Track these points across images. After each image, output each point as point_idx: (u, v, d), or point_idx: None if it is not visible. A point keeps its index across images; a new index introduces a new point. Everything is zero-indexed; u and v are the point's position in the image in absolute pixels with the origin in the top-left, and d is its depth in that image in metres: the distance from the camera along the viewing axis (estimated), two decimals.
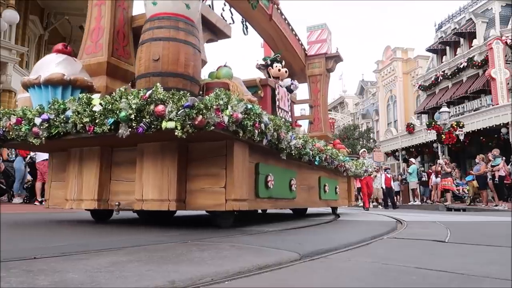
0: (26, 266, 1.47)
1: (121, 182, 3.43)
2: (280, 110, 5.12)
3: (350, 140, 27.47)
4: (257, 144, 3.27)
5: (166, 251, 1.97)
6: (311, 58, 8.03)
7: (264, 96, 4.83)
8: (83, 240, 2.42)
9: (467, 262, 1.90)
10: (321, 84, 7.95)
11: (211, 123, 2.63)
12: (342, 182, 6.87)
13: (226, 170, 3.06)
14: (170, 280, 1.30)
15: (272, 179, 3.75)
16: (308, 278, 1.52)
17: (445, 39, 24.10)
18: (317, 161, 4.63)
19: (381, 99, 30.71)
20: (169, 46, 3.15)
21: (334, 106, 38.41)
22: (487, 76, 19.14)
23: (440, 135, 16.86)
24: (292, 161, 4.28)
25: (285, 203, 4.35)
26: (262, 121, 3.11)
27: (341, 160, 5.82)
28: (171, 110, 2.61)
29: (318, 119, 7.90)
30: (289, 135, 3.70)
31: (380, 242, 2.78)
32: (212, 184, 3.09)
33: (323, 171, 5.57)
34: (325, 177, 5.69)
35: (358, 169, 6.94)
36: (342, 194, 6.82)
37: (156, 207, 3.09)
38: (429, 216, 6.97)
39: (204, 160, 3.17)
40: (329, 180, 5.87)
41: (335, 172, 6.07)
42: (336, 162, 5.52)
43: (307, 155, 4.23)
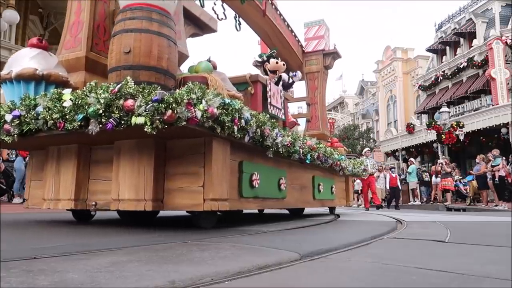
0: (26, 266, 1.47)
1: (99, 181, 3.31)
2: (272, 107, 5.00)
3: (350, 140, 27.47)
4: (239, 141, 3.15)
5: (166, 251, 1.97)
6: (309, 55, 7.88)
7: (254, 92, 4.70)
8: (83, 240, 2.42)
9: (467, 262, 1.90)
10: (319, 81, 7.78)
11: (183, 118, 2.51)
12: (339, 181, 6.69)
13: (204, 169, 2.93)
14: (170, 280, 1.30)
15: (258, 178, 3.62)
16: (308, 278, 1.52)
17: (445, 39, 24.10)
18: (308, 160, 4.49)
19: (381, 99, 30.71)
20: (141, 38, 3.01)
21: (334, 106, 38.41)
22: (487, 76, 19.14)
23: (440, 135, 16.85)
24: (282, 160, 4.18)
25: (274, 203, 4.22)
26: (242, 117, 2.98)
27: (336, 158, 5.63)
28: (140, 105, 2.49)
29: (316, 117, 7.73)
30: (275, 132, 3.57)
31: (380, 242, 2.78)
32: (190, 183, 2.97)
33: (318, 170, 5.43)
34: (319, 176, 5.53)
35: (355, 168, 6.76)
36: (339, 193, 6.64)
37: (133, 207, 2.98)
38: (429, 216, 6.97)
39: (183, 158, 3.04)
40: (324, 179, 5.72)
41: (330, 171, 5.91)
42: (331, 161, 5.35)
43: (297, 153, 4.09)
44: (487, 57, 19.81)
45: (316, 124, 7.70)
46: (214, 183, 2.91)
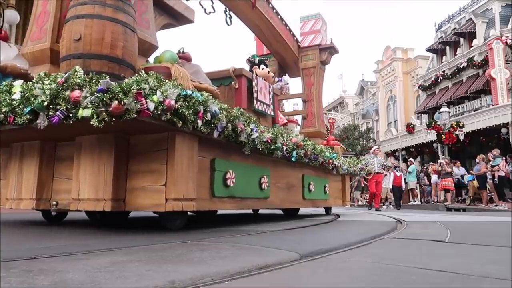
0: (26, 266, 1.47)
1: (63, 179, 3.12)
2: (258, 102, 4.78)
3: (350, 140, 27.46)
4: (209, 137, 2.98)
5: (166, 251, 1.97)
6: (304, 50, 7.63)
7: (238, 87, 4.48)
8: (83, 240, 2.42)
9: (467, 262, 1.90)
10: (315, 77, 7.53)
11: (132, 111, 2.30)
12: (334, 180, 6.43)
13: (167, 166, 2.74)
14: (170, 280, 1.30)
15: (233, 177, 3.43)
16: (308, 278, 1.52)
17: (445, 39, 24.08)
18: (294, 157, 4.26)
19: (381, 99, 30.70)
20: (92, 24, 2.77)
21: (334, 106, 38.40)
22: (487, 76, 19.13)
23: (440, 135, 16.84)
24: (265, 158, 4.00)
25: (254, 203, 4.00)
26: (208, 110, 2.79)
27: (328, 156, 5.34)
28: (85, 96, 2.29)
29: (312, 114, 7.49)
30: (250, 128, 3.36)
31: (380, 242, 2.78)
32: (153, 181, 2.78)
33: (308, 168, 5.17)
34: (310, 175, 5.29)
35: (351, 167, 6.49)
36: (334, 193, 6.39)
37: (92, 207, 2.82)
38: (429, 216, 6.97)
39: (146, 154, 2.85)
40: (315, 178, 5.47)
41: (324, 170, 5.66)
42: (321, 159, 5.08)
43: (279, 150, 3.88)
44: (487, 57, 19.80)
45: (312, 122, 7.48)
46: (177, 181, 2.72)
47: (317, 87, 7.52)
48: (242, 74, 4.58)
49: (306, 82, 7.60)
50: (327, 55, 7.61)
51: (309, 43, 7.66)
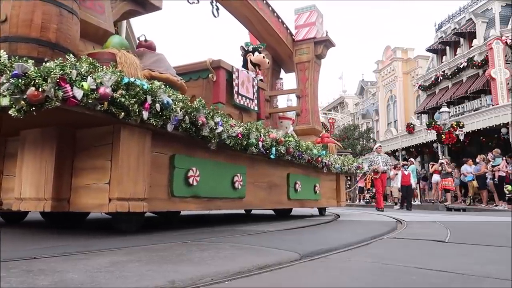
0: (26, 266, 1.47)
1: (12, 177, 2.89)
2: (240, 96, 4.49)
3: (350, 140, 27.44)
4: (169, 131, 2.74)
5: (166, 251, 1.97)
6: (299, 44, 7.31)
7: (217, 80, 4.20)
8: (83, 240, 2.42)
9: (467, 262, 1.90)
10: (310, 72, 7.18)
11: (55, 99, 2.04)
12: (327, 180, 6.07)
13: (111, 162, 2.50)
14: (170, 280, 1.30)
15: (197, 175, 3.14)
16: (308, 278, 1.52)
17: (445, 39, 24.07)
18: (273, 154, 3.95)
19: (381, 99, 30.69)
20: (20, 4, 2.54)
21: (334, 106, 38.38)
22: (487, 76, 19.12)
23: (440, 135, 16.83)
24: (240, 154, 3.72)
25: (226, 204, 3.68)
26: (158, 101, 2.53)
27: (315, 154, 4.98)
28: (2, 82, 2.05)
29: (306, 111, 7.12)
30: (215, 121, 3.07)
31: (380, 242, 2.78)
32: (98, 179, 2.55)
33: (294, 167, 4.85)
34: (297, 174, 4.97)
35: (345, 166, 6.10)
36: (327, 193, 6.05)
37: (33, 208, 2.63)
38: (429, 216, 6.97)
39: (91, 149, 2.63)
40: (303, 177, 5.15)
41: (314, 169, 5.36)
42: (307, 156, 4.73)
43: (253, 147, 3.58)
44: (487, 57, 19.79)
45: (306, 118, 7.10)
46: (122, 179, 2.48)
47: (312, 82, 7.19)
48: (220, 66, 4.29)
49: (300, 77, 7.29)
50: (323, 49, 7.25)
51: (304, 36, 7.32)
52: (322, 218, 5.37)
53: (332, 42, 7.32)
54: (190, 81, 4.35)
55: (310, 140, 6.27)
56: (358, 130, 29.57)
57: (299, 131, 6.88)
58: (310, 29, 7.33)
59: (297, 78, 7.38)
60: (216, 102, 4.12)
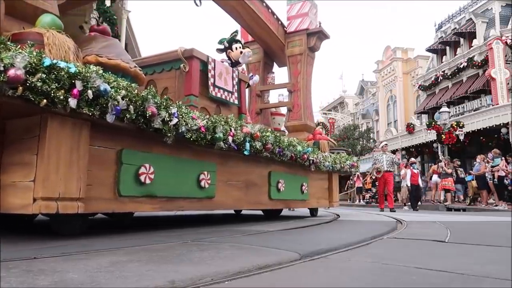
0: (26, 266, 1.47)
1: None
2: (217, 89, 4.17)
3: (350, 140, 27.44)
4: (116, 124, 2.45)
5: (166, 251, 1.97)
6: (291, 36, 6.93)
7: (189, 70, 3.90)
8: (83, 240, 2.42)
9: (467, 262, 1.90)
10: (302, 65, 6.78)
11: None
12: (317, 179, 5.70)
13: (37, 157, 2.21)
14: (170, 280, 1.30)
15: (151, 172, 2.85)
16: (308, 278, 1.52)
17: (445, 39, 24.08)
18: (247, 151, 3.64)
19: (381, 99, 30.70)
20: None
21: (334, 106, 38.40)
22: (487, 76, 19.13)
23: (440, 135, 16.84)
24: (209, 150, 3.42)
25: (191, 204, 3.34)
26: (91, 87, 2.22)
27: (300, 151, 4.60)
28: None
29: (298, 106, 6.72)
30: (168, 112, 2.75)
31: (380, 242, 2.78)
32: (24, 176, 2.25)
33: (277, 164, 4.54)
34: (280, 172, 4.63)
35: (337, 164, 5.71)
36: (317, 193, 5.68)
37: None
38: (429, 216, 6.97)
39: (20, 143, 2.36)
40: (288, 176, 4.81)
41: (302, 167, 5.01)
42: (289, 153, 4.39)
43: (222, 141, 3.27)
44: (487, 57, 19.79)
45: (298, 114, 6.69)
46: (49, 176, 2.20)
47: (305, 76, 6.78)
48: (193, 55, 3.95)
49: (292, 71, 6.89)
50: (316, 41, 6.84)
51: (296, 28, 6.92)
52: (322, 218, 5.36)
53: (325, 33, 6.94)
54: (163, 73, 4.10)
55: (302, 137, 6.04)
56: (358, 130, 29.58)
57: (290, 127, 6.66)
58: (302, 20, 6.92)
59: (289, 72, 6.99)
60: (188, 94, 3.84)
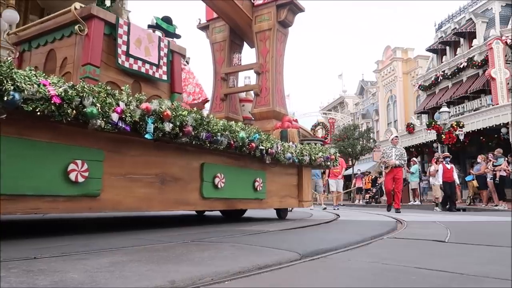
0: (26, 266, 1.47)
1: None
2: (131, 59, 3.39)
3: (350, 140, 27.44)
4: None
5: (166, 251, 1.97)
6: (259, 9, 6.03)
7: (88, 34, 3.09)
8: (83, 240, 2.42)
9: (467, 262, 1.90)
10: (272, 42, 5.86)
11: None
12: (282, 174, 4.86)
13: None
14: (170, 280, 1.30)
15: None
16: (308, 278, 1.52)
17: (445, 39, 24.08)
18: (149, 134, 2.77)
19: (381, 99, 30.70)
20: None
21: (334, 106, 38.40)
22: (487, 76, 19.13)
23: (440, 135, 16.84)
24: (93, 132, 2.58)
25: (54, 205, 2.47)
26: None
27: (242, 137, 3.67)
28: None
29: (266, 90, 5.77)
30: None
31: (380, 242, 2.78)
32: None
33: (214, 154, 3.68)
34: (217, 165, 3.76)
35: (305, 156, 4.82)
36: (281, 190, 4.84)
37: None
38: (429, 216, 6.97)
39: None
40: (232, 169, 3.94)
41: (256, 159, 4.13)
42: (225, 140, 3.46)
43: (95, 118, 2.41)
44: (487, 57, 19.79)
45: (266, 99, 5.74)
46: None
47: (274, 54, 5.84)
48: (92, 15, 3.13)
49: (260, 49, 5.96)
50: (287, 13, 5.89)
51: (264, 0, 6.03)
52: (322, 218, 5.35)
53: (298, 5, 6.03)
54: (63, 39, 3.30)
55: (270, 125, 5.42)
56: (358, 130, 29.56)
57: (257, 114, 5.83)
58: None
59: (257, 51, 6.05)
60: (85, 64, 3.07)
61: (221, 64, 6.39)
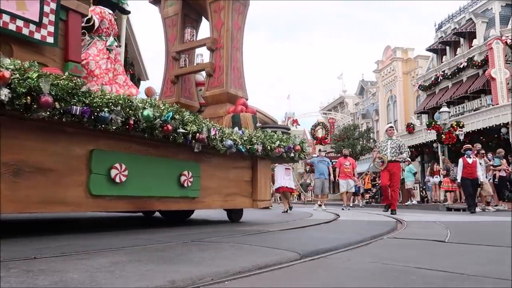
0: (26, 266, 1.47)
1: None
2: None
3: (350, 140, 27.44)
4: None
5: (166, 251, 1.97)
6: None
7: None
8: (83, 240, 2.42)
9: (467, 262, 1.90)
10: (227, 13, 4.96)
11: None
12: (228, 167, 4.00)
13: None
14: (170, 280, 1.30)
15: None
16: (308, 278, 1.52)
17: (445, 39, 24.08)
18: None
19: (381, 99, 30.70)
20: None
21: (334, 106, 38.41)
22: (487, 76, 19.13)
23: (440, 135, 16.84)
24: None
25: None
26: None
27: (148, 116, 2.80)
28: None
29: (219, 69, 4.90)
30: None
31: (380, 242, 2.78)
32: None
33: (113, 139, 2.89)
34: (117, 153, 2.92)
35: (256, 145, 3.94)
36: (225, 187, 3.96)
37: None
38: (429, 216, 6.97)
39: None
40: (140, 159, 3.08)
41: (184, 147, 3.30)
42: (118, 118, 2.62)
43: None
44: (487, 57, 19.80)
45: (219, 79, 4.88)
46: None
47: (230, 27, 4.95)
48: None
49: (215, 22, 5.07)
50: None
51: None
52: (322, 219, 5.34)
53: None
54: None
55: (223, 110, 4.67)
56: (358, 130, 29.59)
57: (209, 98, 4.99)
58: None
59: (210, 24, 5.17)
60: None
61: (173, 42, 5.55)
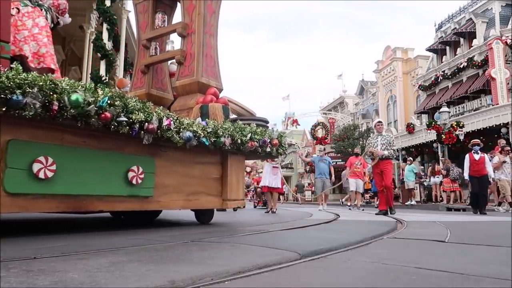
0: (26, 266, 1.47)
1: None
2: None
3: (350, 140, 27.44)
4: None
5: (166, 251, 1.97)
6: None
7: None
8: (83, 240, 2.42)
9: (467, 262, 1.90)
10: None
11: None
12: (191, 162, 3.59)
13: None
14: (170, 280, 1.30)
15: None
16: (308, 278, 1.52)
17: (445, 39, 24.08)
18: None
19: (381, 99, 30.70)
20: None
21: (334, 106, 38.41)
22: (487, 76, 19.13)
23: (440, 135, 16.84)
24: None
25: None
26: None
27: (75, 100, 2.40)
28: None
29: (190, 56, 4.49)
30: None
31: (380, 242, 2.78)
32: None
33: (36, 128, 2.49)
34: (42, 144, 2.51)
35: (222, 138, 3.50)
36: (187, 186, 3.53)
37: None
38: (429, 216, 6.96)
39: None
40: (75, 151, 2.69)
41: (132, 139, 2.91)
42: (36, 102, 2.23)
43: None
44: (487, 57, 19.80)
45: (190, 68, 4.47)
46: None
47: (202, 11, 4.51)
48: None
49: (186, 6, 4.64)
50: None
51: None
52: (322, 218, 5.34)
53: None
54: None
55: (193, 101, 4.28)
56: (358, 130, 29.58)
57: (179, 88, 4.60)
58: None
59: (182, 8, 4.77)
60: None
61: (144, 30, 5.11)
